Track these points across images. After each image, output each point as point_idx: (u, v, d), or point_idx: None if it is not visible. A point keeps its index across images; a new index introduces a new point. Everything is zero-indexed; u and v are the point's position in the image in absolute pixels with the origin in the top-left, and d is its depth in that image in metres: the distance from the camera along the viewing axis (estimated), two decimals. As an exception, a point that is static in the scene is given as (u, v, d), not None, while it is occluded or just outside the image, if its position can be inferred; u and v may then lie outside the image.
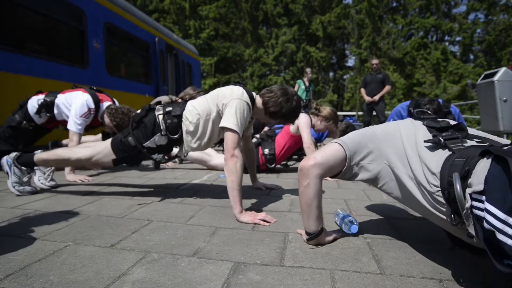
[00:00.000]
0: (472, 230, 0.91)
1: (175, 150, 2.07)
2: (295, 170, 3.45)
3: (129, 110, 2.79)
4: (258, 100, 1.99)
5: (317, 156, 1.25)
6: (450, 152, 1.04)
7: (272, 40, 23.30)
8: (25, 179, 2.09)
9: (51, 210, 1.76)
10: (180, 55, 7.72)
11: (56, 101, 2.84)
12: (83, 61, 4.60)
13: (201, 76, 15.14)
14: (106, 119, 2.82)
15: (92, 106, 2.79)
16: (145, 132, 1.97)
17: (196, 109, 1.94)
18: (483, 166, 0.89)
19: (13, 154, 2.12)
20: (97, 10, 4.82)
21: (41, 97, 2.88)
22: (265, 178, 2.85)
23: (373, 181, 1.29)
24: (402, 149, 1.18)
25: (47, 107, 2.85)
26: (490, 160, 0.88)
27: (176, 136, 1.96)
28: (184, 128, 1.95)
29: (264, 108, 1.96)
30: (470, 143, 1.08)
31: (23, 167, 2.09)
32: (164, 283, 0.98)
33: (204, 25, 23.13)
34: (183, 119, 1.95)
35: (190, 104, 1.99)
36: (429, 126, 1.19)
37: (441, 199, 1.01)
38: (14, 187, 2.05)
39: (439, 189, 1.00)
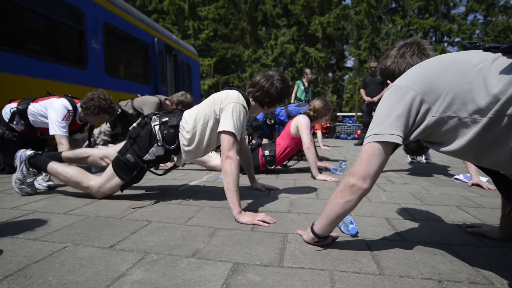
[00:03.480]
0: None
1: (174, 159, 2.08)
2: (294, 171, 3.45)
3: (93, 94, 2.80)
4: (253, 102, 2.02)
5: (370, 174, 1.09)
6: None
7: (271, 41, 23.30)
8: (28, 180, 2.09)
9: (50, 211, 1.76)
10: (179, 56, 7.72)
11: (30, 108, 2.84)
12: (82, 61, 4.60)
13: (200, 77, 15.14)
14: (88, 117, 2.85)
15: (70, 107, 2.80)
16: (143, 145, 1.95)
17: (193, 118, 1.93)
18: None
19: (29, 152, 2.11)
20: (96, 11, 4.82)
21: (13, 105, 2.89)
22: (264, 179, 2.85)
23: (422, 137, 1.10)
24: (454, 84, 0.96)
25: (20, 115, 2.85)
26: None
27: (173, 146, 1.95)
28: (181, 138, 1.95)
29: (259, 103, 2.00)
30: None
31: (31, 168, 2.09)
32: (163, 284, 0.98)
33: (203, 26, 23.13)
34: (180, 129, 1.95)
35: (186, 113, 2.00)
36: (491, 47, 0.96)
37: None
38: (16, 183, 2.07)
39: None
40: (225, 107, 1.83)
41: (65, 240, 1.32)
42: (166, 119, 1.97)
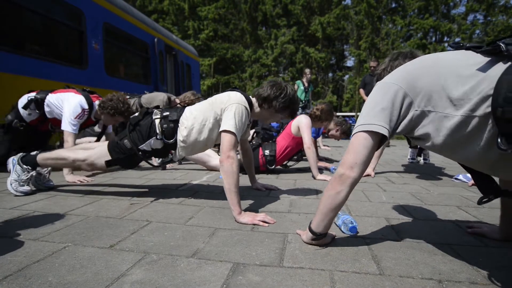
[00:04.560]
0: None
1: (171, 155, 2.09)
2: (294, 171, 3.45)
3: (113, 95, 2.79)
4: (257, 105, 2.00)
5: (357, 163, 1.13)
6: (510, 63, 0.86)
7: (271, 41, 23.28)
8: (24, 177, 2.10)
9: (49, 211, 1.76)
10: (179, 56, 7.72)
11: (47, 98, 2.85)
12: (82, 61, 4.60)
13: (200, 77, 15.15)
14: (103, 116, 2.83)
15: (86, 106, 2.79)
16: (141, 135, 1.99)
17: (193, 115, 1.95)
18: None
19: (20, 154, 2.18)
20: (96, 11, 4.82)
21: (31, 94, 2.91)
22: (264, 179, 2.86)
23: (405, 131, 1.13)
24: (434, 81, 1.00)
25: (36, 103, 2.86)
26: None
27: (171, 140, 1.97)
28: (179, 134, 1.96)
29: (268, 106, 1.96)
30: None
31: (24, 165, 2.13)
32: (163, 284, 0.98)
33: (203, 26, 23.11)
34: (179, 125, 1.96)
35: (188, 110, 2.01)
36: (474, 47, 0.99)
37: (488, 121, 0.88)
38: (11, 184, 2.07)
39: (489, 108, 0.87)
40: (227, 107, 1.84)
41: (65, 240, 1.32)
42: (167, 113, 1.99)
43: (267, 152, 3.19)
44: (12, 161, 2.15)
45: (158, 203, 1.98)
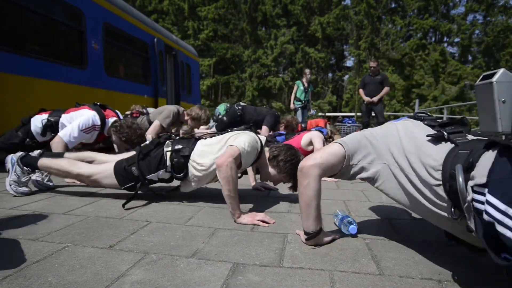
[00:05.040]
0: (472, 224, 0.90)
1: (176, 182, 2.05)
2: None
3: (133, 123, 2.74)
4: (266, 156, 1.98)
5: (317, 156, 1.26)
6: (453, 145, 1.03)
7: (271, 41, 23.29)
8: (23, 179, 2.09)
9: (49, 211, 1.75)
10: (179, 56, 7.71)
11: (61, 120, 2.78)
12: (82, 61, 4.59)
13: (200, 77, 15.15)
14: (114, 136, 2.76)
15: (98, 123, 2.75)
16: (149, 166, 1.95)
17: (204, 156, 1.90)
18: (487, 157, 0.88)
19: (19, 153, 2.12)
20: (96, 11, 4.81)
21: (44, 116, 2.82)
22: (264, 179, 2.85)
23: (371, 180, 1.28)
24: (400, 146, 1.18)
25: (51, 127, 2.78)
26: (495, 152, 0.88)
27: (180, 175, 1.94)
28: (191, 169, 1.92)
29: (275, 165, 1.93)
30: (473, 137, 1.07)
31: (25, 167, 2.09)
32: (163, 284, 0.98)
33: (203, 26, 23.11)
34: (190, 160, 1.92)
35: (200, 145, 1.96)
36: (430, 125, 1.19)
37: (442, 193, 1.00)
38: (10, 185, 2.05)
39: (440, 182, 1.00)
40: (240, 134, 1.86)
41: (65, 241, 1.32)
42: (180, 147, 1.94)
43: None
44: (11, 161, 2.10)
45: (158, 203, 1.98)
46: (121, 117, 3.08)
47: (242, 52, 23.77)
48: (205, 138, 2.04)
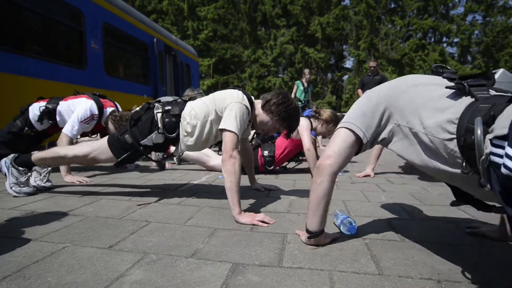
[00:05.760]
0: (486, 179, 0.87)
1: (172, 148, 2.06)
2: (294, 171, 3.45)
3: (129, 114, 2.77)
4: (259, 107, 2.00)
5: (329, 152, 1.21)
6: (473, 99, 0.97)
7: (271, 41, 23.29)
8: (22, 179, 2.09)
9: (49, 211, 1.75)
10: (178, 56, 7.71)
11: (58, 108, 2.80)
12: (81, 61, 4.60)
13: (200, 77, 15.14)
14: (111, 126, 2.79)
15: (96, 112, 2.77)
16: (142, 130, 1.97)
17: (195, 110, 1.94)
18: (510, 111, 0.84)
19: (11, 156, 2.13)
20: (95, 11, 4.82)
21: (42, 104, 2.84)
22: (263, 179, 2.86)
23: (385, 142, 1.23)
24: (411, 101, 1.12)
25: (49, 114, 2.81)
26: None
27: (173, 135, 1.96)
28: (181, 128, 1.96)
29: (268, 111, 1.96)
30: (495, 93, 1.01)
31: (20, 168, 2.09)
32: (163, 284, 0.98)
33: (203, 26, 23.10)
34: (181, 119, 1.95)
35: (189, 104, 2.00)
36: (449, 78, 1.10)
37: (454, 147, 0.97)
38: (11, 188, 2.05)
39: (454, 136, 0.96)
40: (229, 105, 1.83)
41: (64, 241, 1.32)
42: (169, 107, 1.98)
43: (266, 152, 3.19)
44: (5, 164, 2.09)
45: (157, 203, 1.98)
46: (120, 108, 3.09)
47: (241, 52, 23.77)
48: (193, 101, 2.05)
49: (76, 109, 2.74)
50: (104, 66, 5.01)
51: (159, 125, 1.95)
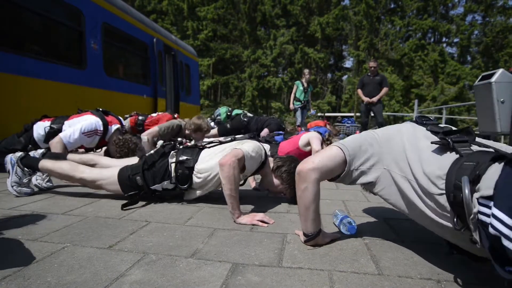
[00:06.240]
0: (476, 236, 0.89)
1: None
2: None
3: (136, 145, 2.71)
4: (270, 166, 1.99)
5: (315, 160, 1.23)
6: (458, 156, 1.01)
7: (271, 41, 23.30)
8: (25, 180, 2.09)
9: (48, 211, 1.75)
10: (178, 56, 7.71)
11: (63, 128, 2.76)
12: (81, 61, 4.59)
13: (199, 77, 15.15)
14: (112, 148, 2.75)
15: (101, 128, 2.75)
16: (154, 177, 1.95)
17: (208, 163, 1.90)
18: (494, 171, 0.87)
19: (18, 154, 2.11)
20: (95, 11, 4.81)
21: (47, 123, 2.81)
22: (263, 179, 2.85)
23: (371, 185, 1.26)
24: (403, 152, 1.16)
25: (54, 135, 2.73)
26: (502, 165, 0.87)
27: (185, 186, 1.94)
28: (194, 179, 1.93)
29: (278, 175, 1.95)
30: (477, 148, 1.05)
31: (25, 168, 2.08)
32: (162, 284, 0.98)
33: (202, 26, 23.11)
34: (194, 171, 1.92)
35: (204, 154, 1.96)
36: (433, 131, 1.16)
37: (444, 202, 0.99)
38: (12, 186, 2.05)
39: (443, 191, 0.98)
40: (247, 141, 1.87)
41: (64, 241, 1.32)
42: (184, 158, 1.94)
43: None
44: (11, 161, 2.08)
45: (157, 203, 1.98)
46: (124, 123, 3.06)
47: (241, 52, 23.78)
48: (209, 147, 2.02)
49: (81, 122, 2.72)
50: (103, 66, 5.00)
51: (172, 175, 1.93)
